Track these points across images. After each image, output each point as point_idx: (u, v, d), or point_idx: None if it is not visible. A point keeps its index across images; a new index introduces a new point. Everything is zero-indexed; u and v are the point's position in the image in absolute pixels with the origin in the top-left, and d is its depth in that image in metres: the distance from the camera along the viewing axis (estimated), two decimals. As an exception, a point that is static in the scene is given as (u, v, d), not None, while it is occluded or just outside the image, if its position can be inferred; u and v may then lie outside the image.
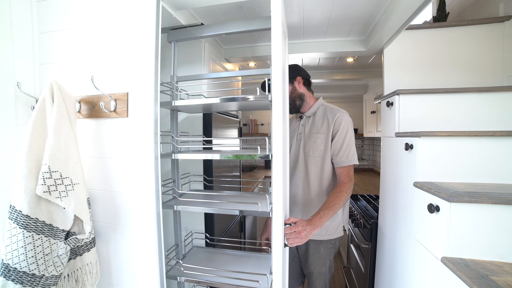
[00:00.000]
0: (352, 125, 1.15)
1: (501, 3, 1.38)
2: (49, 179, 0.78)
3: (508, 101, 1.09)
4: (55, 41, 1.04)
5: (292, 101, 1.19)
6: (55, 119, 0.82)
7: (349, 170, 1.10)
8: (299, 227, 0.91)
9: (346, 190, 1.07)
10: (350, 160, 1.10)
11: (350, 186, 1.08)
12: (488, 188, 0.85)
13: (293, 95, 1.19)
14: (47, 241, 0.80)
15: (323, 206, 1.02)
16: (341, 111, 1.15)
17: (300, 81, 1.20)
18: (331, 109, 1.17)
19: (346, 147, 1.10)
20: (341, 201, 1.04)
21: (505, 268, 0.71)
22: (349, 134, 1.11)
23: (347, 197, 1.07)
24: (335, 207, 1.02)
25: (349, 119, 1.14)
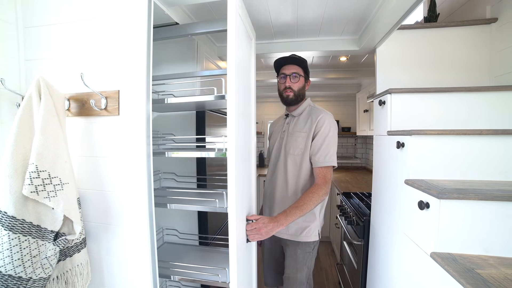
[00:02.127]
0: (335, 127, 1.14)
1: (488, 5, 1.42)
2: (37, 179, 0.75)
3: (495, 100, 1.13)
4: (42, 37, 1.00)
5: (298, 95, 1.19)
6: (43, 117, 0.79)
7: (326, 172, 1.08)
8: (259, 224, 0.96)
9: (319, 192, 1.03)
10: (327, 161, 1.07)
11: (324, 188, 1.05)
12: (475, 185, 0.88)
13: (301, 91, 1.20)
14: (34, 243, 0.78)
15: (292, 205, 1.02)
16: (326, 112, 1.15)
17: (309, 83, 1.25)
18: (316, 110, 1.18)
19: (325, 147, 1.08)
20: (311, 202, 1.01)
21: (489, 261, 0.74)
22: (330, 135, 1.10)
23: (319, 199, 1.04)
24: (303, 207, 1.00)
25: (332, 121, 1.13)
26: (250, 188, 1.12)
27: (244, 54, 0.98)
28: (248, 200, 1.06)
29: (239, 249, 0.84)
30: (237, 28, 0.81)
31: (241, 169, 0.93)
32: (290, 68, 1.17)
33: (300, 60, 1.18)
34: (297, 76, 1.16)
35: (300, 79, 1.17)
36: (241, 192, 0.92)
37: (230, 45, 0.79)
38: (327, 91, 3.10)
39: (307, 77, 1.22)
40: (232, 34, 0.79)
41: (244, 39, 0.98)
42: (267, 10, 1.26)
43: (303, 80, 1.19)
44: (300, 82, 1.17)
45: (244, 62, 0.98)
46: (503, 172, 0.95)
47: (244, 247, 0.96)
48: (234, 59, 0.80)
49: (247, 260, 1.06)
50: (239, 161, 0.88)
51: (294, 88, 1.16)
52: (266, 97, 3.65)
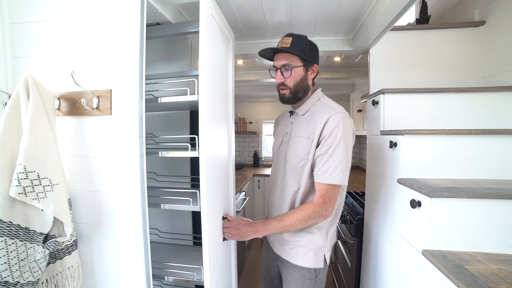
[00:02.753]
0: (349, 132, 0.86)
1: (476, 8, 1.45)
2: (25, 180, 0.73)
3: (483, 101, 1.16)
4: (30, 34, 0.97)
5: (296, 90, 0.90)
6: (31, 116, 0.77)
7: (327, 190, 0.83)
8: (232, 224, 0.94)
9: (309, 212, 0.84)
10: (331, 177, 0.82)
11: (319, 210, 0.84)
12: (464, 184, 0.90)
13: (301, 85, 0.90)
14: (22, 246, 0.76)
15: (276, 216, 0.89)
16: (337, 110, 0.86)
17: (315, 70, 0.93)
18: (324, 107, 0.90)
19: (332, 160, 0.82)
20: (296, 220, 0.84)
21: (477, 257, 0.76)
22: (341, 145, 0.82)
23: (308, 221, 0.84)
24: (286, 223, 0.85)
25: (346, 123, 0.84)
26: (228, 189, 1.12)
27: (219, 54, 0.99)
28: (225, 200, 1.06)
29: (211, 246, 0.83)
30: (208, 29, 0.81)
31: (217, 169, 0.94)
32: (280, 58, 0.89)
33: (293, 45, 0.86)
34: (289, 69, 0.88)
35: (294, 71, 0.88)
36: (216, 191, 0.92)
37: (201, 46, 0.79)
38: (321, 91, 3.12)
39: (310, 63, 0.90)
40: (203, 35, 0.79)
41: (220, 39, 0.98)
42: (261, 9, 1.26)
43: (302, 71, 0.89)
44: (296, 75, 0.89)
45: (219, 63, 0.99)
46: (490, 170, 0.97)
47: (220, 245, 0.96)
48: (205, 60, 0.80)
49: (225, 258, 1.06)
50: (214, 162, 0.89)
51: (289, 84, 0.89)
52: (261, 96, 3.65)
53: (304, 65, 0.90)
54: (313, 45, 0.92)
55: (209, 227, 0.82)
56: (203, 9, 0.79)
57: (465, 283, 0.63)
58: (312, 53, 0.91)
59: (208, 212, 0.81)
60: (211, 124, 0.86)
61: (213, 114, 0.90)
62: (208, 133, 0.84)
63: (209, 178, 0.83)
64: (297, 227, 0.86)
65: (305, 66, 0.90)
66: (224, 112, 1.07)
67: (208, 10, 0.83)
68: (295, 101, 0.93)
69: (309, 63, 0.90)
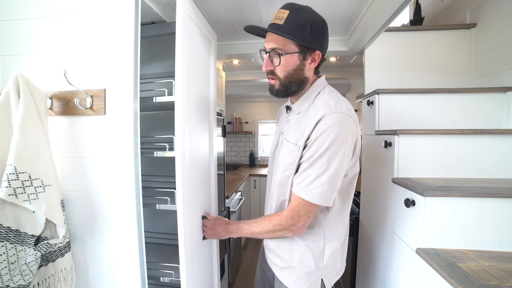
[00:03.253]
0: (348, 139, 0.66)
1: (467, 10, 1.48)
2: (16, 181, 0.71)
3: (475, 101, 1.18)
4: (21, 31, 0.95)
5: (288, 83, 0.72)
6: (22, 116, 0.75)
7: (299, 204, 0.69)
8: (209, 223, 0.93)
9: (275, 224, 0.73)
10: (303, 191, 0.68)
11: (284, 223, 0.72)
12: (457, 183, 0.91)
13: (294, 76, 0.71)
14: (12, 248, 0.74)
15: (249, 220, 0.82)
16: (334, 110, 0.66)
17: (317, 59, 0.72)
18: (322, 104, 0.70)
19: (313, 170, 0.66)
20: (263, 231, 0.75)
21: (469, 255, 0.78)
22: (327, 154, 0.65)
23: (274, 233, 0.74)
24: (254, 230, 0.78)
25: (343, 128, 0.65)
26: (210, 188, 1.13)
27: (199, 55, 1.00)
28: (206, 199, 1.07)
29: (188, 245, 0.84)
30: (184, 31, 0.82)
31: (196, 169, 0.95)
32: (270, 39, 0.70)
33: (288, 22, 0.66)
34: (278, 55, 0.69)
35: (285, 59, 0.69)
36: (195, 190, 0.93)
37: (177, 47, 0.79)
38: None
39: (309, 49, 0.69)
40: (180, 37, 0.79)
41: (199, 41, 1.00)
42: (256, 9, 1.26)
43: (297, 59, 0.69)
44: (287, 64, 0.69)
45: (199, 63, 1.00)
46: (481, 170, 0.99)
47: (199, 244, 0.97)
48: (181, 60, 0.80)
49: (206, 257, 1.06)
50: (193, 161, 0.91)
51: (279, 74, 0.71)
52: (257, 96, 3.65)
53: (301, 51, 0.68)
54: (318, 23, 0.68)
55: (185, 225, 0.82)
56: (179, 10, 0.80)
57: (457, 280, 0.64)
58: (315, 35, 0.67)
59: (184, 210, 0.81)
60: (188, 124, 0.86)
61: (191, 115, 0.91)
62: (184, 134, 0.84)
63: (185, 178, 0.83)
64: (265, 236, 0.78)
65: (302, 53, 0.68)
66: (205, 112, 1.07)
67: (185, 12, 0.83)
68: (286, 95, 0.75)
69: (308, 49, 0.68)
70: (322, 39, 0.70)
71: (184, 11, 0.82)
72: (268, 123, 3.79)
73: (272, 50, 0.70)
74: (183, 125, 0.82)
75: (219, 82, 1.83)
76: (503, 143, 0.97)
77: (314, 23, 0.67)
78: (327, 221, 0.76)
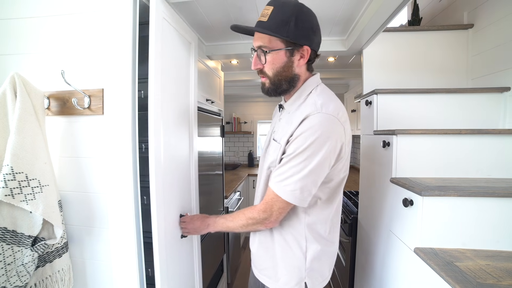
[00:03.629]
0: (332, 141, 0.64)
1: (465, 11, 1.49)
2: (12, 181, 0.71)
3: (472, 101, 1.19)
4: (18, 30, 0.95)
5: (277, 81, 0.71)
6: (19, 116, 0.75)
7: (272, 199, 0.69)
8: (187, 219, 0.94)
9: (248, 218, 0.74)
10: (277, 185, 0.67)
11: (257, 217, 0.72)
12: (454, 182, 0.92)
13: (283, 74, 0.70)
14: (9, 249, 0.74)
15: (225, 214, 0.84)
16: (319, 111, 0.65)
17: (306, 55, 0.69)
18: (310, 104, 0.69)
19: (286, 165, 0.66)
20: (238, 225, 0.76)
21: (467, 254, 0.78)
22: (305, 154, 0.64)
23: (248, 227, 0.75)
24: (229, 224, 0.79)
25: (327, 130, 0.64)
26: (190, 189, 1.14)
27: (177, 57, 1.02)
28: (185, 199, 1.08)
29: (162, 242, 0.85)
30: (158, 34, 0.83)
31: (174, 169, 0.97)
32: (257, 37, 0.70)
33: (272, 19, 0.65)
34: (264, 53, 0.68)
35: (271, 56, 0.68)
36: (171, 190, 0.94)
37: (151, 50, 0.81)
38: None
39: (296, 44, 0.67)
40: (153, 41, 0.81)
41: (177, 42, 1.01)
42: (254, 9, 1.26)
43: (284, 56, 0.68)
44: (274, 61, 0.69)
45: (177, 65, 1.01)
46: (479, 169, 1.00)
47: (177, 243, 0.98)
48: (154, 62, 0.81)
49: (183, 255, 1.07)
50: (169, 162, 0.92)
51: (268, 72, 0.71)
52: (256, 96, 3.65)
53: (287, 47, 0.67)
54: (305, 16, 0.66)
55: (159, 223, 0.83)
56: (152, 13, 0.81)
57: (455, 280, 0.64)
58: (301, 29, 0.65)
59: (158, 209, 0.82)
60: (162, 126, 0.88)
61: (167, 116, 0.92)
62: (159, 136, 0.85)
63: (159, 178, 0.84)
64: (240, 230, 0.78)
65: (289, 49, 0.67)
66: (184, 114, 1.08)
67: (160, 14, 0.85)
68: (276, 93, 0.74)
69: (295, 44, 0.67)
70: (310, 33, 0.68)
71: (158, 13, 0.83)
72: (266, 123, 3.79)
73: (259, 48, 0.69)
74: (157, 125, 0.84)
75: (217, 82, 1.83)
76: (501, 143, 0.98)
77: (300, 17, 0.65)
78: (309, 221, 0.74)
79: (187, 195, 1.11)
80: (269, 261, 0.79)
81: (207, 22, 1.38)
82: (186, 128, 1.11)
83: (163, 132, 0.87)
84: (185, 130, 1.10)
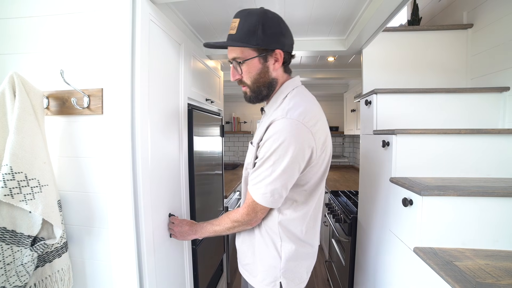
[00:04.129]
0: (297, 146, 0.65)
1: (464, 11, 1.49)
2: (11, 181, 0.71)
3: (472, 101, 1.19)
4: (17, 30, 0.94)
5: (256, 88, 0.74)
6: (18, 116, 0.75)
7: (252, 202, 0.73)
8: (177, 221, 0.96)
9: (234, 221, 0.77)
10: (252, 189, 0.71)
11: (241, 220, 0.75)
12: (454, 182, 0.92)
13: (261, 80, 0.72)
14: (8, 249, 0.74)
15: (212, 220, 0.87)
16: (283, 116, 0.66)
17: (280, 58, 0.71)
18: (282, 105, 0.71)
19: (258, 170, 0.70)
20: (225, 228, 0.80)
21: (466, 253, 0.78)
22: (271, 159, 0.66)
23: (235, 229, 0.79)
24: (216, 228, 0.83)
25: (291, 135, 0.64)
26: (180, 191, 1.15)
27: (167, 58, 1.04)
28: (174, 200, 1.09)
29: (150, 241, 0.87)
30: (144, 37, 0.86)
31: (162, 169, 0.98)
32: (230, 49, 0.73)
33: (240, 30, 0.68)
34: (243, 62, 0.71)
35: (247, 65, 0.71)
36: (158, 190, 0.96)
37: (137, 52, 0.83)
38: (315, 91, 3.15)
39: (268, 50, 0.69)
40: (138, 43, 0.83)
41: (165, 44, 1.02)
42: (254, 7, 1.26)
43: (258, 63, 0.70)
44: (250, 69, 0.71)
45: (166, 66, 1.03)
46: (478, 169, 1.00)
47: (164, 242, 0.99)
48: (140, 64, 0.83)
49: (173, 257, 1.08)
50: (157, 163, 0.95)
51: (246, 82, 0.74)
52: (256, 96, 3.65)
53: (259, 54, 0.69)
54: (271, 23, 0.68)
55: (146, 222, 0.85)
56: (138, 16, 0.83)
57: (454, 279, 0.64)
58: (269, 35, 0.67)
59: (145, 208, 0.85)
60: (150, 125, 0.90)
61: (153, 117, 0.93)
62: (144, 134, 0.88)
63: (146, 178, 0.87)
64: (227, 233, 0.83)
65: (261, 56, 0.69)
66: (172, 115, 1.09)
67: (147, 17, 0.87)
68: (258, 100, 0.77)
69: (266, 50, 0.69)
70: (279, 36, 0.70)
71: (144, 15, 0.85)
72: (266, 123, 3.78)
73: (234, 60, 0.72)
74: (143, 126, 0.86)
75: (217, 82, 1.83)
76: (500, 142, 0.98)
77: (266, 23, 0.67)
78: (282, 220, 0.75)
79: (176, 197, 1.12)
80: (250, 257, 0.82)
81: (206, 21, 1.38)
82: (175, 128, 1.12)
83: (150, 132, 0.90)
84: (174, 130, 1.11)
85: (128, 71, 0.83)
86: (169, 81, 1.07)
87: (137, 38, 0.83)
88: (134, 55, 0.85)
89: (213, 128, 1.66)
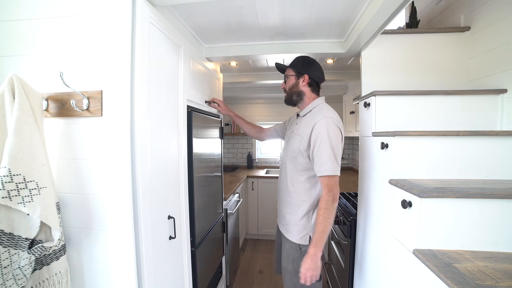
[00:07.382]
0: (333, 132, 1.04)
1: (462, 14, 1.50)
2: (10, 183, 0.70)
3: (470, 103, 1.19)
4: (17, 32, 0.94)
5: (290, 94, 1.23)
6: (17, 117, 0.75)
7: (329, 180, 1.04)
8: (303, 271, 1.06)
9: (325, 205, 1.04)
10: (323, 170, 1.03)
11: (328, 198, 1.04)
12: (453, 184, 0.92)
13: (293, 89, 1.21)
14: (6, 252, 0.73)
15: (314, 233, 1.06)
16: (326, 115, 1.07)
17: (306, 80, 1.19)
18: (318, 112, 1.11)
19: (319, 157, 1.04)
20: (324, 219, 1.03)
21: (465, 255, 0.78)
22: (323, 144, 1.03)
23: (329, 211, 1.03)
24: (321, 229, 1.03)
25: (330, 126, 1.04)
26: (179, 193, 1.16)
27: (169, 59, 1.07)
28: (173, 201, 1.11)
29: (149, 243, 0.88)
30: (144, 39, 0.87)
31: (161, 171, 1.00)
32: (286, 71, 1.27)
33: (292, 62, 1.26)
34: (287, 77, 1.24)
35: (288, 79, 1.23)
36: (157, 193, 0.97)
37: (137, 54, 0.85)
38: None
39: (301, 74, 1.19)
40: (139, 46, 0.84)
41: (165, 46, 1.04)
42: (254, 13, 1.26)
43: (294, 79, 1.21)
44: (289, 82, 1.23)
45: (166, 68, 1.05)
46: (477, 171, 1.00)
47: (164, 244, 1.00)
48: (140, 65, 0.84)
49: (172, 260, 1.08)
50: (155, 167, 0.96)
51: (286, 88, 1.25)
52: (255, 98, 3.66)
53: (296, 75, 1.21)
54: (308, 61, 1.21)
55: (145, 224, 0.86)
56: (138, 18, 0.84)
57: (454, 281, 0.64)
58: (305, 66, 1.19)
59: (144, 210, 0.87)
60: (149, 129, 0.90)
61: (152, 117, 0.94)
62: (144, 135, 0.88)
63: (145, 180, 0.89)
64: (330, 222, 1.05)
65: (297, 75, 1.21)
66: (171, 118, 1.10)
67: (147, 19, 0.88)
68: (290, 102, 1.25)
69: (300, 74, 1.20)
70: (311, 68, 1.19)
71: (144, 19, 0.86)
72: (266, 125, 3.79)
73: (285, 75, 1.27)
74: (143, 127, 0.86)
75: (216, 83, 1.83)
76: (498, 144, 0.99)
77: (305, 60, 1.22)
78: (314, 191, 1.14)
79: (175, 198, 1.12)
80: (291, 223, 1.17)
81: (206, 24, 1.39)
82: (175, 130, 1.13)
83: (150, 134, 0.90)
84: (174, 132, 1.12)
85: (127, 73, 0.83)
86: (168, 83, 1.07)
87: (136, 40, 0.84)
88: (133, 57, 0.85)
89: (213, 130, 1.66)
